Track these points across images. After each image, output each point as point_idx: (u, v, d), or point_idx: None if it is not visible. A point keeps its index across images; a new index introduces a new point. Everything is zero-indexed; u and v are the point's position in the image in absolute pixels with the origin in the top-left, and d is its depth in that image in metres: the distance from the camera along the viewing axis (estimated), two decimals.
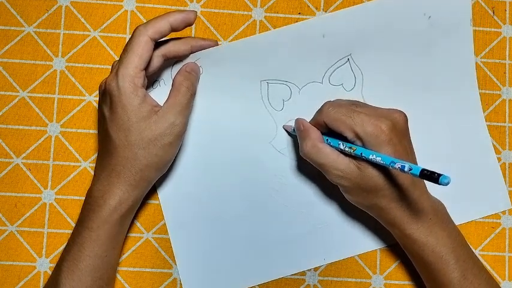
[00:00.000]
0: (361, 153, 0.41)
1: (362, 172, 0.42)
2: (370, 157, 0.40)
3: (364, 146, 0.42)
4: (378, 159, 0.40)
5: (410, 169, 0.37)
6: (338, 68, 0.49)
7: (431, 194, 0.45)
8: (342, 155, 0.43)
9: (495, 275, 0.50)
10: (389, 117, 0.43)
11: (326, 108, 0.44)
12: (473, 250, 0.46)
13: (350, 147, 0.42)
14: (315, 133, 0.45)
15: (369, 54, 0.49)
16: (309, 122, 0.46)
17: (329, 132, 0.45)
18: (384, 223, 0.46)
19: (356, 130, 0.42)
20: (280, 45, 0.47)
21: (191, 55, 0.46)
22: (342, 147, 0.43)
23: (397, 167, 0.38)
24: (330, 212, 0.50)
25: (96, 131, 0.50)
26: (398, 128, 0.43)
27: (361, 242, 0.50)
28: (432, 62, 0.50)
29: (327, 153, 0.43)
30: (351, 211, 0.49)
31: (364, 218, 0.47)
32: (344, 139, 0.43)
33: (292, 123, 0.49)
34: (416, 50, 0.49)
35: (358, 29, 0.47)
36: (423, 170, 0.36)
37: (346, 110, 0.43)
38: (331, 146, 0.44)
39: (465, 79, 0.51)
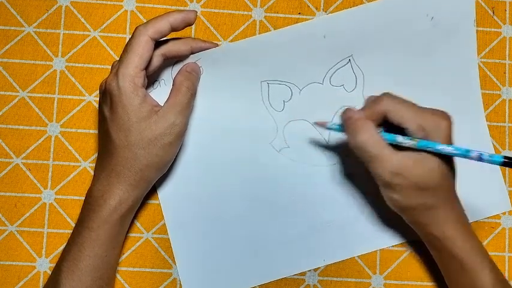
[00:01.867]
0: (426, 145, 0.39)
1: (422, 166, 0.41)
2: (438, 147, 0.39)
3: (426, 138, 0.41)
4: (449, 149, 0.38)
5: (491, 157, 0.35)
6: (339, 68, 0.49)
7: None
8: (396, 151, 0.41)
9: None
10: (447, 117, 0.42)
11: (386, 99, 0.43)
12: None
13: (411, 139, 0.40)
14: (369, 124, 0.42)
15: (370, 55, 0.49)
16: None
17: (380, 125, 0.43)
18: (420, 225, 0.44)
19: (419, 122, 0.41)
20: (281, 46, 0.47)
21: (192, 55, 0.46)
22: (399, 139, 0.41)
23: (474, 155, 0.36)
24: (330, 212, 0.50)
25: (96, 131, 0.50)
26: (451, 129, 0.42)
27: (361, 243, 0.49)
28: (434, 62, 0.50)
29: (383, 146, 0.41)
30: (350, 212, 0.49)
31: (364, 219, 0.47)
32: (398, 133, 0.42)
33: (292, 124, 0.49)
34: (418, 51, 0.49)
35: (359, 29, 0.47)
36: (506, 157, 0.35)
37: (408, 103, 0.42)
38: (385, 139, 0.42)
39: (468, 80, 0.51)
